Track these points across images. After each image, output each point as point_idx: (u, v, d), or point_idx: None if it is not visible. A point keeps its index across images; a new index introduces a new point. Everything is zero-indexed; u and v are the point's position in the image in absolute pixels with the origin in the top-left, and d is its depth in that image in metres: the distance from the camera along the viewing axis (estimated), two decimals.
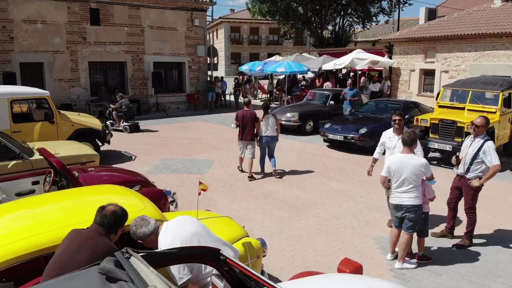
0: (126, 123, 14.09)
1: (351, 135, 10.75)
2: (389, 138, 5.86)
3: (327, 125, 11.63)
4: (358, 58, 18.01)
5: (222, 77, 21.67)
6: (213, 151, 11.26)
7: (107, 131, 10.38)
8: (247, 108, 8.95)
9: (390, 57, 19.36)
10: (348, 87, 14.25)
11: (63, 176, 5.13)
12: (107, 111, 14.75)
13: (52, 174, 5.34)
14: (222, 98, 21.74)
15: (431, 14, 21.58)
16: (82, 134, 9.68)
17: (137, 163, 9.87)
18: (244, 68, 23.47)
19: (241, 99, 22.04)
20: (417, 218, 4.94)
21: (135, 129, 14.18)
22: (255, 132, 8.78)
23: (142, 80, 18.39)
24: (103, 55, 17.28)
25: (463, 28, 16.60)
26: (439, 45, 17.06)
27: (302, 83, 24.95)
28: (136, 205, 3.27)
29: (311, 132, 13.66)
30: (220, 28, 50.76)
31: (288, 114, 13.50)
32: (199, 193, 3.98)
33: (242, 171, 9.15)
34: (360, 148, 10.86)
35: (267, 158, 9.03)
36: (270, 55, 40.97)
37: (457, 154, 5.51)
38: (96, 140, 9.99)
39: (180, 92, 19.67)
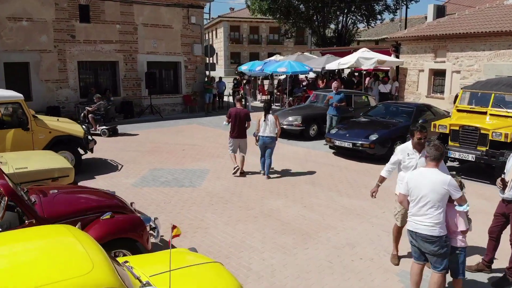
0: (105, 127, 13.09)
1: (361, 142, 9.73)
2: (408, 155, 4.76)
3: (333, 130, 10.62)
4: (364, 58, 17.00)
5: (220, 78, 20.64)
6: (208, 158, 10.25)
7: (90, 138, 9.37)
8: (240, 105, 8.95)
9: (397, 57, 18.38)
10: (333, 91, 12.08)
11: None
12: (82, 114, 13.66)
13: (6, 198, 4.34)
14: (219, 100, 20.75)
15: (440, 12, 20.57)
16: (61, 142, 8.68)
17: (123, 174, 8.87)
18: (243, 68, 22.46)
19: None
20: (441, 252, 3.94)
21: (113, 132, 13.21)
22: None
23: (135, 81, 17.38)
24: (93, 54, 16.28)
25: (475, 25, 15.59)
26: (450, 43, 16.05)
27: (303, 83, 23.94)
28: (79, 267, 2.26)
29: (315, 137, 12.66)
30: (219, 27, 49.78)
31: (290, 118, 12.49)
32: (171, 239, 2.97)
33: (237, 172, 8.75)
34: (370, 156, 9.85)
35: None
36: (270, 54, 40.00)
37: (502, 176, 4.50)
38: (78, 148, 9.00)
39: (175, 94, 18.66)
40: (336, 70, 22.40)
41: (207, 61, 19.76)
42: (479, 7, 18.30)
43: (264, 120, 8.45)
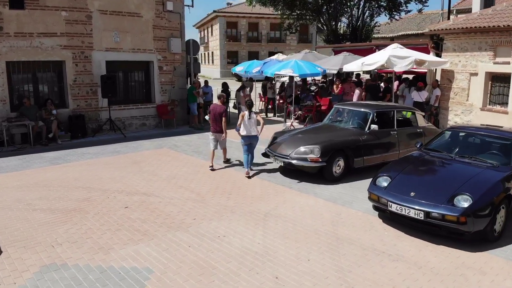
0: None
1: (441, 212, 5.24)
2: None
3: (383, 180, 6.08)
4: (397, 56, 12.56)
5: (206, 81, 16.11)
6: (160, 231, 5.78)
7: None
8: (220, 102, 9.14)
9: (439, 55, 13.97)
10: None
11: None
12: None
13: None
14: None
15: (488, 1, 16.17)
16: None
17: None
18: (238, 69, 18.00)
19: (233, 110, 16.64)
20: None
21: None
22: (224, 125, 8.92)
23: (90, 87, 12.93)
24: (29, 52, 11.83)
25: None
26: None
27: (312, 88, 19.51)
28: None
29: (341, 176, 8.21)
30: (215, 24, 45.40)
31: (303, 148, 8.03)
32: None
33: (212, 169, 8.94)
34: (458, 234, 5.37)
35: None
36: (271, 53, 35.58)
37: None
38: None
39: (146, 103, 14.21)
40: (353, 73, 18.13)
41: (189, 60, 15.31)
42: None
43: (249, 118, 8.45)
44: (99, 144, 11.66)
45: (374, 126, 8.44)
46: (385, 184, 5.94)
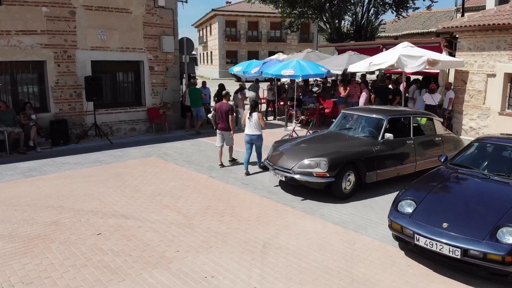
0: None
1: (482, 249, 4.18)
2: None
3: (407, 205, 4.99)
4: (408, 56, 11.51)
5: (204, 82, 15.07)
6: (132, 271, 4.73)
7: None
8: (225, 100, 9.14)
9: (452, 55, 12.94)
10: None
11: None
12: None
13: None
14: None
15: None
16: None
17: None
18: (236, 69, 16.96)
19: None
20: None
21: None
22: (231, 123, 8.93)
23: (74, 89, 11.88)
24: (6, 51, 10.77)
25: None
26: None
27: (314, 89, 18.50)
28: None
29: (352, 192, 7.16)
30: (213, 23, 44.39)
31: (307, 161, 6.98)
32: None
33: (222, 166, 9.06)
34: (501, 275, 4.33)
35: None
36: (271, 53, 34.55)
37: None
38: None
39: (136, 106, 13.16)
40: (357, 73, 17.12)
41: (183, 60, 14.26)
42: None
43: (249, 118, 8.47)
44: (82, 152, 10.63)
45: (388, 135, 7.39)
46: (410, 210, 4.89)
